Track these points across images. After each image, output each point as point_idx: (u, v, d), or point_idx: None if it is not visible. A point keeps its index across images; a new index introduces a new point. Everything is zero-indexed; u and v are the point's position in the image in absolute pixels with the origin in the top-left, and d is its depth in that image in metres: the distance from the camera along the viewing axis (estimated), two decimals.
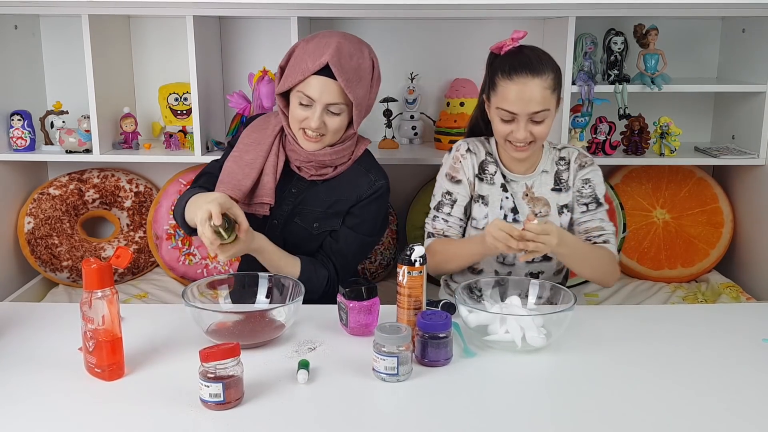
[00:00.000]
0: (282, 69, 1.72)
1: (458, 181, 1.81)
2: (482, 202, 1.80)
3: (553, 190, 1.81)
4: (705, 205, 2.48)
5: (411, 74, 2.47)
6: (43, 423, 1.17)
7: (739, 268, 2.46)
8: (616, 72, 2.30)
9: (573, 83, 2.21)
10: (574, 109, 2.26)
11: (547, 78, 1.66)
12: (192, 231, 1.67)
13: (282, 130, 1.77)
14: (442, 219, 1.81)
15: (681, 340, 1.49)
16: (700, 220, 2.48)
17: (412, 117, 2.50)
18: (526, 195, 1.80)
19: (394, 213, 2.52)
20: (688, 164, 2.47)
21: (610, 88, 2.26)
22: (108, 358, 1.28)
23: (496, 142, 1.82)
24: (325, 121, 1.67)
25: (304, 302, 1.48)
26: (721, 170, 2.54)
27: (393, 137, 2.50)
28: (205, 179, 1.81)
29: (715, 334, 1.52)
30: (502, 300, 1.54)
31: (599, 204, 1.80)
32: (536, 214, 1.76)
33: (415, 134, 2.52)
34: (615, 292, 2.42)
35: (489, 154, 1.83)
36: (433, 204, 1.84)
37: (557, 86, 1.70)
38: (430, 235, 1.82)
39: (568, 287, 1.52)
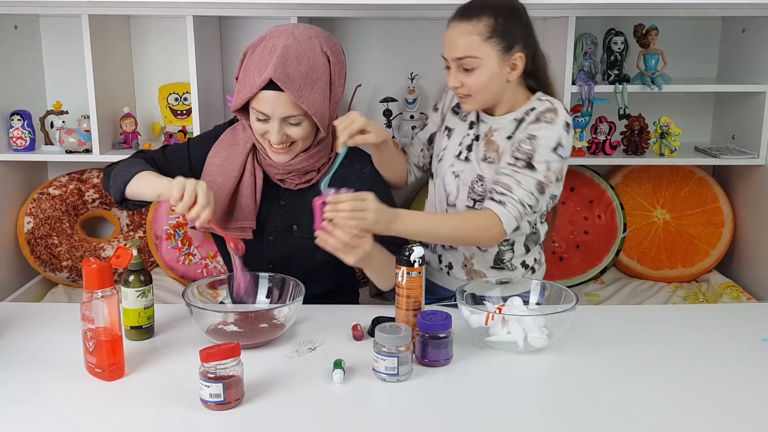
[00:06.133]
0: (237, 80, 1.59)
1: (436, 109, 1.84)
2: (447, 134, 1.77)
3: (508, 138, 1.65)
4: (705, 205, 2.48)
5: (411, 74, 2.47)
6: (43, 423, 1.17)
7: (740, 268, 2.45)
8: (616, 72, 2.30)
9: (573, 83, 2.21)
10: (574, 109, 2.26)
11: (478, 24, 1.56)
12: (123, 201, 1.61)
13: (254, 145, 1.65)
14: (412, 136, 1.89)
15: (681, 340, 1.49)
16: (701, 220, 2.48)
17: (412, 117, 2.50)
18: (486, 136, 1.70)
19: None
20: (688, 164, 2.47)
21: (610, 88, 2.25)
22: (108, 358, 1.28)
23: None
24: (287, 133, 1.54)
25: (305, 302, 1.48)
26: (721, 170, 2.54)
27: (393, 137, 2.50)
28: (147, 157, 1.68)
29: (716, 334, 1.52)
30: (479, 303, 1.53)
31: (527, 165, 1.56)
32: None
33: None
34: (615, 292, 2.43)
35: None
36: None
37: (495, 35, 1.56)
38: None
39: (568, 287, 1.52)
